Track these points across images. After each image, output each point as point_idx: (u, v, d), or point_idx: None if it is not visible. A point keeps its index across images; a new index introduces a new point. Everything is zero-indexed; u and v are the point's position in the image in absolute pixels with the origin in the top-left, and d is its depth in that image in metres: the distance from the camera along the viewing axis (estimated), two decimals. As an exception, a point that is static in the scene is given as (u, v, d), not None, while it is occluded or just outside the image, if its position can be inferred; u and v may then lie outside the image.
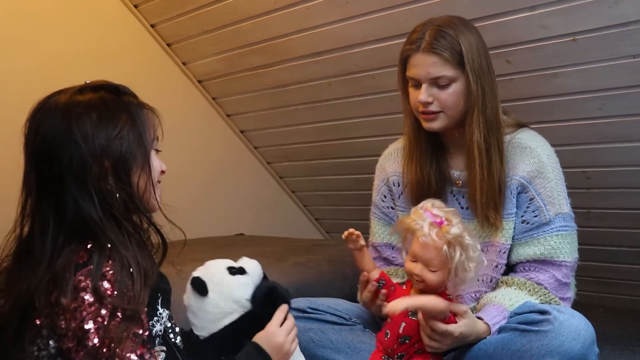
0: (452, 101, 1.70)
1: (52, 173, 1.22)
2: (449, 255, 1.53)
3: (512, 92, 2.34)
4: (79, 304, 1.15)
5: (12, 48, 2.75)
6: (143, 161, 1.29)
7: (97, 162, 1.22)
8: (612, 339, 2.50)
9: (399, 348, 1.60)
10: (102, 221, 1.21)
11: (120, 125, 1.26)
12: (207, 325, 1.43)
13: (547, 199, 1.73)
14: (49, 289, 1.17)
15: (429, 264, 1.56)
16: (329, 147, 3.21)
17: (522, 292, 1.70)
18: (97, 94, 1.28)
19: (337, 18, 2.52)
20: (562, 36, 2.07)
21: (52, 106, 1.26)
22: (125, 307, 1.17)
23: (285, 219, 3.74)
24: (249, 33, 2.83)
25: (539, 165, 1.73)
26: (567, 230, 1.73)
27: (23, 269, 1.23)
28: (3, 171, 2.55)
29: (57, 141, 1.22)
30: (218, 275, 1.44)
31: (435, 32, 1.68)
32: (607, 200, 2.56)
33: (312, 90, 2.93)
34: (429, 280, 1.57)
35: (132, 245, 1.23)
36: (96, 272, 1.16)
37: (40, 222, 1.23)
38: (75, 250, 1.19)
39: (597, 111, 2.24)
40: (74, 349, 1.17)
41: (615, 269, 2.83)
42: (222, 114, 3.42)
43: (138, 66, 3.05)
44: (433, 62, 1.68)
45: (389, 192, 1.93)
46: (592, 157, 2.42)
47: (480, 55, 1.70)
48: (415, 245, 1.58)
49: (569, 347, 1.52)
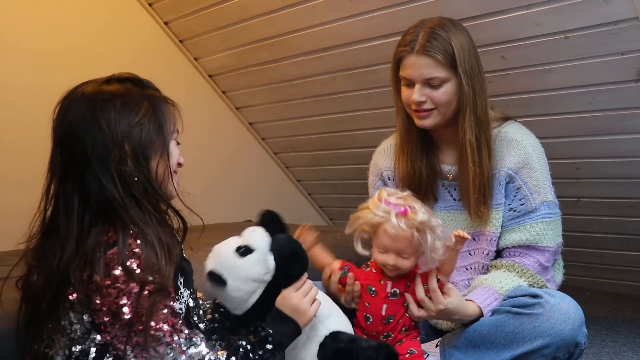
0: (444, 99, 1.70)
1: (77, 155, 1.24)
2: (421, 240, 1.50)
3: (506, 86, 2.34)
4: (111, 281, 1.18)
5: (35, 44, 2.75)
6: (162, 149, 1.30)
7: (117, 145, 1.24)
8: (598, 321, 2.52)
9: (385, 328, 1.59)
10: (124, 200, 1.23)
11: (141, 113, 1.28)
12: (238, 307, 1.44)
13: (533, 188, 1.73)
14: (82, 267, 1.19)
15: (401, 252, 1.53)
16: (333, 138, 3.21)
17: (510, 274, 1.70)
18: (123, 85, 1.31)
19: (342, 15, 2.52)
20: (555, 34, 2.07)
21: (80, 94, 1.28)
22: (153, 281, 1.19)
23: (291, 207, 3.74)
24: (257, 30, 2.83)
25: (525, 156, 1.73)
26: (551, 217, 1.75)
27: (51, 245, 1.24)
28: (27, 155, 2.58)
29: (83, 126, 1.25)
30: (230, 262, 1.43)
31: (428, 34, 1.67)
32: (595, 189, 2.56)
33: (318, 84, 2.93)
34: (404, 267, 1.56)
35: (154, 223, 1.25)
36: (123, 250, 1.18)
37: (65, 200, 1.24)
38: (103, 230, 1.21)
39: (586, 105, 2.24)
40: (109, 322, 1.20)
41: (601, 255, 2.84)
42: (231, 106, 3.43)
43: (152, 62, 3.05)
44: (426, 64, 1.67)
45: (383, 187, 1.93)
46: (582, 148, 2.43)
47: (471, 56, 1.69)
48: (384, 238, 1.53)
49: (559, 329, 1.53)
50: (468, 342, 1.65)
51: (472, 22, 2.14)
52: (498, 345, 1.59)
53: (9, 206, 2.60)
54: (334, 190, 3.61)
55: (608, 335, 2.35)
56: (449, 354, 1.67)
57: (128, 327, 1.19)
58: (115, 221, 1.21)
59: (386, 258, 1.54)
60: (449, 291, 1.56)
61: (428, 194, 1.83)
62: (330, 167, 3.44)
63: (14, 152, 2.67)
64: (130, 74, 1.36)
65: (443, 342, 1.71)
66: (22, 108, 2.68)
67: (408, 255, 1.53)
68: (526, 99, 2.35)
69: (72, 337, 1.23)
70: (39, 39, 2.76)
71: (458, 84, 1.69)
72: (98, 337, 1.23)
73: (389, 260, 1.54)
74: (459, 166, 1.76)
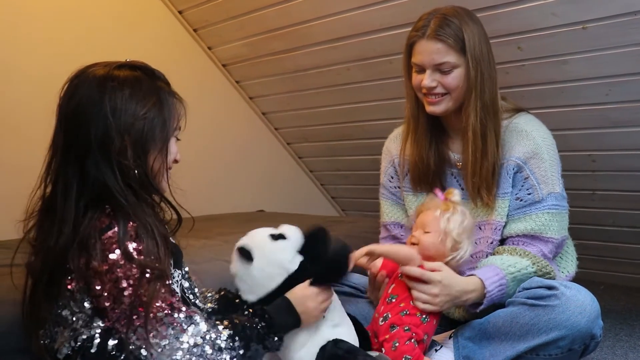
0: (454, 84, 1.71)
1: (79, 137, 1.24)
2: (441, 217, 1.61)
3: (522, 77, 2.32)
4: (109, 266, 1.18)
5: (50, 33, 2.76)
6: (162, 146, 1.30)
7: (119, 136, 1.24)
8: (612, 314, 2.50)
9: (386, 308, 1.61)
10: (122, 189, 1.23)
11: (148, 106, 1.27)
12: (254, 290, 1.45)
13: (540, 179, 1.73)
14: (79, 253, 1.19)
15: (425, 226, 1.64)
16: (346, 129, 3.20)
17: (514, 256, 1.70)
18: (134, 73, 1.30)
19: (356, 5, 2.50)
20: (573, 24, 2.04)
21: (90, 75, 1.27)
22: (154, 267, 1.20)
23: (304, 197, 3.75)
24: (271, 19, 2.82)
25: (534, 146, 1.74)
26: (557, 209, 1.74)
27: (48, 225, 1.25)
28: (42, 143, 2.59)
29: (89, 109, 1.24)
30: (261, 242, 1.47)
31: (440, 20, 1.69)
32: (611, 182, 2.54)
33: (331, 74, 2.91)
34: (423, 240, 1.62)
35: (149, 212, 1.26)
36: (123, 234, 1.19)
37: (64, 182, 1.25)
38: (96, 216, 1.21)
39: (603, 97, 2.21)
40: (110, 307, 1.20)
41: (616, 248, 2.82)
42: (244, 96, 3.42)
43: (166, 51, 3.05)
44: (437, 49, 1.69)
45: (395, 173, 1.94)
46: (598, 141, 2.40)
47: (482, 43, 1.71)
48: (418, 218, 1.69)
49: (575, 321, 1.52)
50: (482, 334, 1.65)
51: (489, 12, 2.12)
52: (513, 336, 1.59)
53: (17, 194, 2.63)
54: (346, 181, 3.61)
55: (622, 329, 2.34)
56: (463, 345, 1.67)
57: (129, 311, 1.19)
58: (111, 208, 1.22)
59: (414, 232, 1.67)
60: (438, 268, 1.59)
61: (436, 182, 1.84)
62: (344, 158, 3.44)
63: (27, 140, 2.68)
64: (142, 62, 1.35)
65: (457, 333, 1.70)
66: (35, 94, 2.69)
67: (429, 230, 1.63)
68: (542, 90, 2.33)
69: (75, 327, 1.24)
70: (54, 27, 2.76)
71: (466, 69, 1.70)
72: (101, 323, 1.23)
73: (415, 232, 1.65)
74: (463, 152, 1.77)
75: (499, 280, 1.64)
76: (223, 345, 1.26)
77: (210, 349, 1.25)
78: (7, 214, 2.60)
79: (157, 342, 1.21)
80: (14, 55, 2.64)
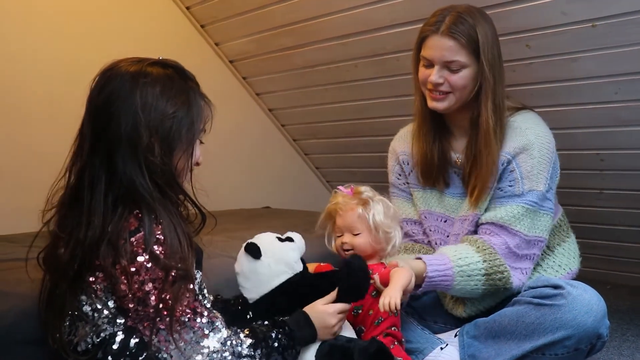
0: (461, 84, 1.72)
1: (108, 130, 1.25)
2: (365, 214, 1.62)
3: (530, 75, 2.31)
4: (137, 268, 1.19)
5: (62, 27, 2.76)
6: (187, 146, 1.31)
7: (147, 132, 1.24)
8: (619, 314, 2.49)
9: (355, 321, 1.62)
10: (148, 185, 1.23)
11: (177, 106, 1.28)
12: (257, 287, 1.49)
13: (525, 174, 1.73)
14: (107, 252, 1.20)
15: (351, 228, 1.64)
16: (353, 125, 3.19)
17: (470, 247, 1.71)
18: (166, 71, 1.31)
19: (365, 2, 2.49)
20: (582, 22, 2.03)
21: (123, 69, 1.28)
22: (178, 267, 1.21)
23: (310, 194, 3.75)
24: (279, 15, 2.82)
25: (525, 142, 1.74)
26: (534, 206, 1.73)
27: (75, 216, 1.25)
28: (49, 136, 2.59)
29: (119, 102, 1.25)
30: (269, 242, 1.53)
31: (455, 17, 1.69)
32: (619, 181, 2.52)
33: (339, 71, 2.91)
34: (357, 244, 1.63)
35: (175, 211, 1.27)
36: (149, 237, 1.19)
37: (91, 174, 1.25)
38: (125, 216, 1.21)
39: (612, 95, 2.20)
40: (134, 309, 1.21)
41: (623, 248, 2.80)
42: (251, 92, 3.42)
43: (173, 46, 3.05)
44: (449, 46, 1.69)
45: (401, 170, 1.95)
46: (606, 139, 2.39)
47: (494, 46, 1.72)
48: (337, 219, 1.67)
49: (581, 321, 1.52)
50: (488, 333, 1.65)
51: (497, 9, 2.11)
52: (519, 336, 1.58)
53: (30, 187, 2.64)
54: (353, 177, 3.60)
55: (629, 329, 2.33)
56: (468, 344, 1.67)
57: (154, 314, 1.20)
58: (138, 206, 1.22)
59: (341, 239, 1.66)
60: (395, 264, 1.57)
61: (439, 178, 1.87)
62: (350, 155, 3.43)
63: (37, 131, 2.69)
64: (174, 61, 1.36)
65: (462, 332, 1.70)
66: (47, 85, 2.71)
67: (358, 231, 1.63)
68: (550, 88, 2.32)
69: (97, 324, 1.24)
70: (65, 22, 2.76)
71: (478, 72, 1.71)
72: (123, 321, 1.24)
73: (345, 239, 1.65)
74: (469, 152, 1.78)
75: (445, 270, 1.64)
76: (245, 353, 1.28)
77: (230, 355, 1.26)
78: (10, 207, 2.63)
79: (179, 345, 1.22)
80: (25, 49, 2.65)
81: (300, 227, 2.46)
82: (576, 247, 1.92)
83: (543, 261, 1.82)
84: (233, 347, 1.27)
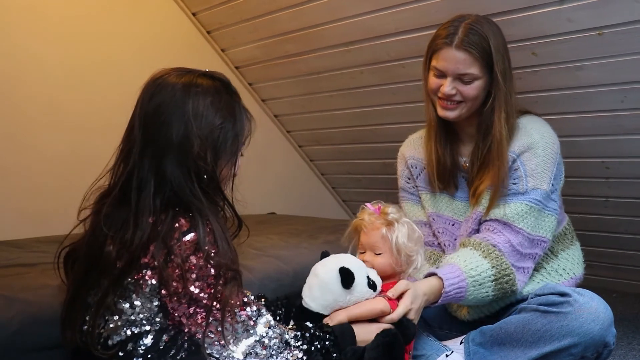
0: (473, 94, 1.73)
1: (159, 136, 1.28)
2: (389, 236, 1.60)
3: (536, 83, 2.31)
4: (190, 267, 1.23)
5: (70, 30, 2.77)
6: (231, 157, 1.36)
7: (198, 140, 1.28)
8: (625, 323, 2.48)
9: None
10: (197, 191, 1.27)
11: (225, 117, 1.33)
12: (316, 302, 1.51)
13: (529, 172, 1.73)
14: (159, 252, 1.23)
15: (373, 247, 1.62)
16: (358, 132, 3.19)
17: (476, 252, 1.70)
18: (213, 83, 1.36)
19: (370, 9, 2.49)
20: (588, 30, 2.03)
21: (173, 79, 1.32)
22: (229, 267, 1.26)
23: (314, 200, 3.75)
24: (285, 22, 2.82)
25: (529, 141, 1.75)
26: (539, 205, 1.73)
27: (122, 215, 1.27)
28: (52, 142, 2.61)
29: (172, 109, 1.29)
30: (361, 283, 1.53)
31: (467, 29, 1.69)
32: (625, 189, 2.52)
33: (344, 77, 2.91)
34: (377, 264, 1.62)
35: (220, 215, 1.32)
36: (203, 238, 1.24)
37: (139, 177, 1.28)
38: (175, 218, 1.25)
39: (618, 104, 2.20)
40: (185, 304, 1.25)
41: (629, 256, 2.80)
42: (257, 98, 3.42)
43: (180, 52, 3.06)
44: (463, 60, 1.69)
45: (410, 174, 1.97)
46: (612, 148, 2.38)
47: (505, 56, 1.73)
48: (362, 236, 1.65)
49: (588, 328, 1.51)
50: (494, 340, 1.64)
51: (504, 17, 2.11)
52: (525, 343, 1.58)
53: (34, 192, 2.64)
54: (357, 184, 3.60)
55: (635, 338, 2.31)
56: (474, 351, 1.66)
57: (208, 310, 1.25)
58: (188, 209, 1.26)
59: (364, 256, 1.63)
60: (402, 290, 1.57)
61: (450, 182, 1.88)
62: (355, 161, 3.43)
63: (42, 136, 2.70)
64: (220, 74, 1.41)
65: (467, 339, 1.70)
66: (52, 89, 2.71)
67: (380, 251, 1.61)
68: (557, 96, 2.32)
69: (131, 320, 1.27)
70: (71, 27, 2.77)
71: (490, 83, 1.72)
72: (159, 319, 1.27)
73: (366, 257, 1.63)
74: (475, 157, 1.79)
75: (459, 282, 1.64)
76: (292, 343, 1.33)
77: (278, 342, 1.32)
78: (14, 212, 2.62)
79: (231, 335, 1.27)
80: (30, 53, 2.66)
81: (306, 233, 2.47)
82: (580, 254, 1.91)
83: (547, 264, 1.82)
84: (281, 334, 1.33)
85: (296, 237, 2.38)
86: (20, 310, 1.47)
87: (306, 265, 1.64)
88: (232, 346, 1.27)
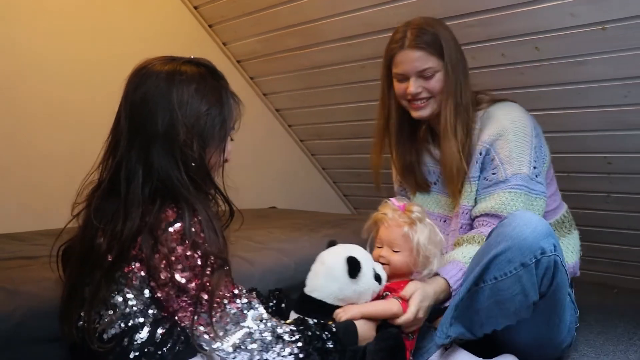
0: (438, 87, 1.80)
1: (146, 126, 1.28)
2: (410, 235, 1.59)
3: (538, 78, 2.30)
4: (177, 257, 1.23)
5: (73, 24, 2.77)
6: (219, 143, 1.35)
7: (184, 128, 1.28)
8: (626, 318, 2.47)
9: None
10: (184, 180, 1.27)
11: (211, 104, 1.32)
12: (320, 290, 1.51)
13: (505, 159, 1.76)
14: (146, 243, 1.23)
15: (392, 244, 1.61)
16: (360, 127, 3.19)
17: (472, 245, 1.73)
18: (198, 69, 1.35)
19: (371, 3, 2.49)
20: (591, 24, 2.02)
21: (157, 68, 1.32)
22: (216, 256, 1.25)
23: (315, 195, 3.74)
24: (286, 16, 2.81)
25: (500, 129, 1.78)
26: (522, 189, 1.75)
27: (112, 206, 1.27)
28: (55, 138, 2.60)
29: (156, 99, 1.28)
30: (367, 274, 1.53)
31: (416, 30, 1.78)
32: (627, 185, 2.51)
33: (346, 72, 2.91)
34: (393, 261, 1.61)
35: (210, 203, 1.32)
36: (189, 228, 1.23)
37: (127, 167, 1.28)
38: (162, 209, 1.25)
39: (622, 99, 2.19)
40: (174, 295, 1.25)
41: (630, 251, 2.79)
42: (259, 93, 3.42)
43: (181, 46, 3.03)
44: (418, 56, 1.77)
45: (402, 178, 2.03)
46: (615, 143, 2.38)
47: (456, 50, 1.81)
48: (382, 231, 1.64)
49: (520, 231, 1.53)
50: None
51: (506, 11, 2.11)
52: (473, 263, 1.63)
53: (34, 186, 2.64)
54: (358, 179, 3.60)
55: (636, 334, 2.31)
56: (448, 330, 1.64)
57: (196, 299, 1.24)
58: (175, 199, 1.25)
59: (379, 251, 1.63)
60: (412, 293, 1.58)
61: (421, 180, 1.97)
62: (356, 156, 3.43)
63: (42, 131, 2.69)
64: (206, 60, 1.39)
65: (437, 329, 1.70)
66: (53, 85, 2.71)
67: (398, 249, 1.60)
68: (559, 91, 2.31)
69: (125, 313, 1.27)
70: (72, 22, 2.77)
71: (445, 74, 1.79)
72: (153, 311, 1.27)
73: (383, 252, 1.62)
74: (440, 150, 1.85)
75: (460, 272, 1.67)
76: (285, 338, 1.31)
77: (270, 335, 1.30)
78: (14, 205, 2.62)
79: (220, 327, 1.26)
80: (31, 49, 2.66)
81: (307, 227, 2.48)
82: (577, 243, 1.93)
83: None
84: (273, 327, 1.31)
85: (297, 231, 2.38)
86: (22, 303, 1.47)
87: (307, 258, 1.64)
88: (221, 339, 1.26)
